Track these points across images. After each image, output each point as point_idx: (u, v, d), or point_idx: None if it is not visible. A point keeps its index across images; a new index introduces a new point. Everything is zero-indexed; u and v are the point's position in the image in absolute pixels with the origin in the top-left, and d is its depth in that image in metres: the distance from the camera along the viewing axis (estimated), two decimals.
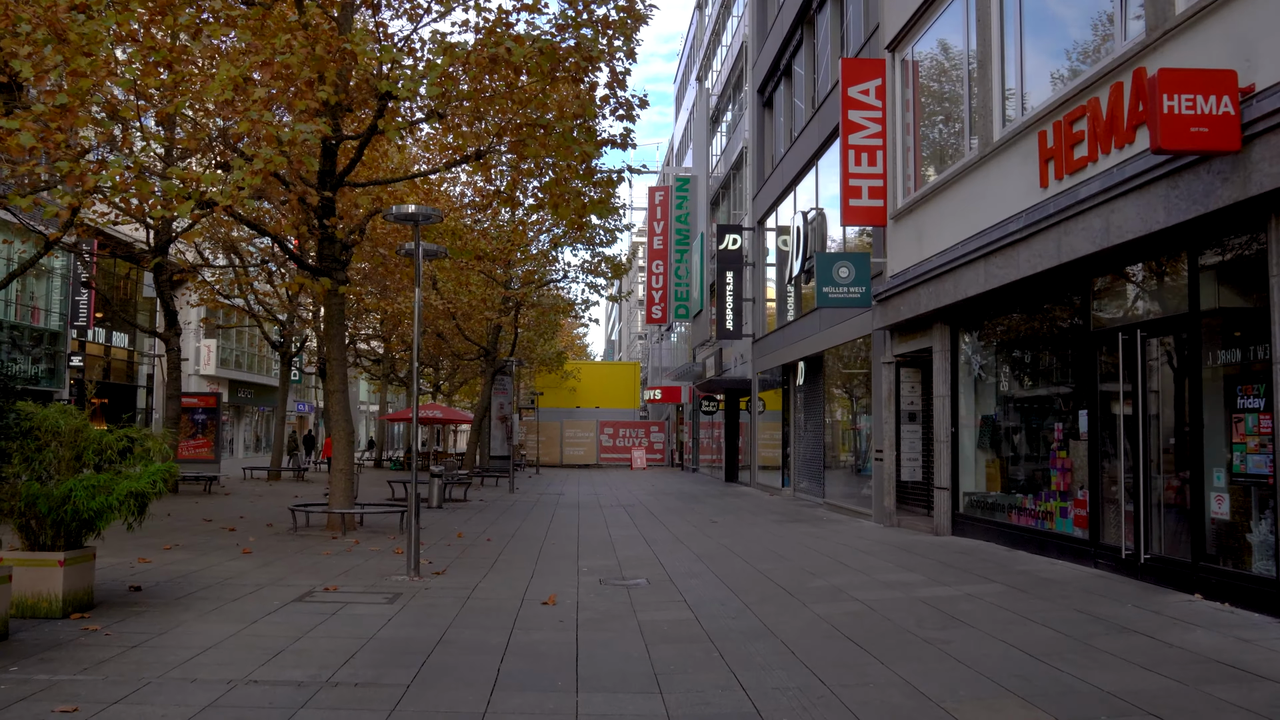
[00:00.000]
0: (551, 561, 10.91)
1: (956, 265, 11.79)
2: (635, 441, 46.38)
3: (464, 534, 13.74)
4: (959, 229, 12.00)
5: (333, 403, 13.91)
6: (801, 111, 22.65)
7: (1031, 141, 10.04)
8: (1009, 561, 10.12)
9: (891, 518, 14.95)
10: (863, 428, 17.52)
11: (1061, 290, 10.20)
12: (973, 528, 12.29)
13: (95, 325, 35.82)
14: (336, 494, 13.68)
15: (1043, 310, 10.81)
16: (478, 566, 10.40)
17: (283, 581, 9.05)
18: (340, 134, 13.27)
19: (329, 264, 13.74)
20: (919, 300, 13.16)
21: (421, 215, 9.04)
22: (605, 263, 29.32)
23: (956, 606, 7.73)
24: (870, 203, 14.92)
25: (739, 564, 10.61)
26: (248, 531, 13.52)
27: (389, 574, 9.62)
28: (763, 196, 26.24)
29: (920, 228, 13.43)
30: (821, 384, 20.35)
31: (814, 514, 17.66)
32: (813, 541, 12.76)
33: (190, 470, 23.27)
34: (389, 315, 33.98)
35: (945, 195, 12.54)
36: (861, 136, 14.98)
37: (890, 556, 10.92)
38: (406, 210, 8.95)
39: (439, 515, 16.87)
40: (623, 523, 15.96)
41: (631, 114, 14.23)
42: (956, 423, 12.87)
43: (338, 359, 13.92)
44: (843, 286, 14.91)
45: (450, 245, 15.91)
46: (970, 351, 12.68)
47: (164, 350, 21.96)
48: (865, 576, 9.46)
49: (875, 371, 15.83)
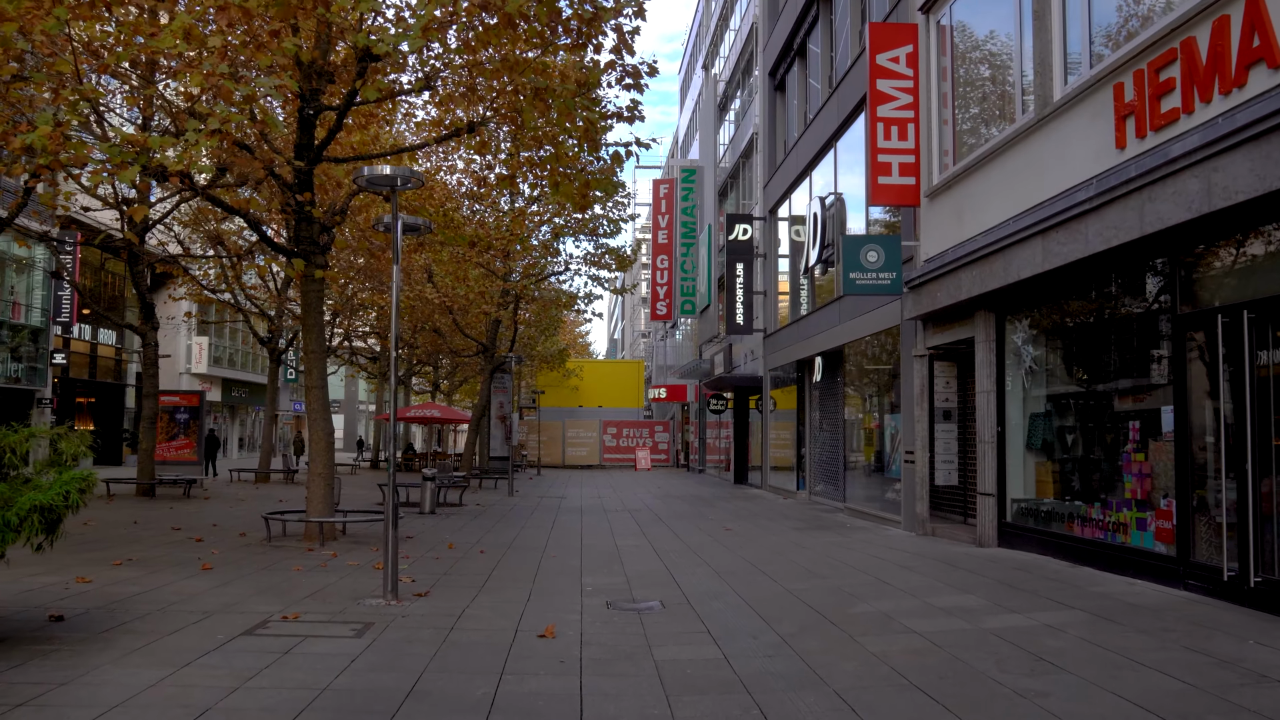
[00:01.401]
0: (551, 578, 9.61)
1: (1007, 244, 10.48)
2: (639, 442, 45.08)
3: (455, 544, 12.44)
4: (1009, 203, 10.69)
5: (311, 399, 12.62)
6: (817, 92, 21.33)
7: (1104, 97, 8.72)
8: (1077, 580, 8.80)
9: (924, 525, 13.63)
10: (887, 427, 16.22)
11: (1141, 267, 8.87)
12: (1023, 539, 10.98)
13: (80, 322, 34.62)
14: (314, 501, 12.38)
15: (1115, 291, 9.48)
16: (467, 585, 9.09)
17: (237, 607, 7.75)
18: (318, 103, 11.98)
19: (306, 246, 12.45)
20: (959, 285, 11.85)
21: (399, 177, 7.74)
22: (609, 254, 28.01)
23: (1040, 642, 6.41)
24: (901, 180, 13.61)
25: (764, 582, 9.30)
26: (217, 542, 12.23)
27: (364, 595, 8.32)
28: (774, 184, 24.92)
29: (961, 205, 12.12)
30: (841, 380, 19.03)
31: (835, 520, 16.34)
32: (841, 553, 11.45)
33: (170, 473, 22.01)
34: (385, 310, 32.75)
35: (992, 166, 11.23)
36: (891, 108, 13.66)
37: (936, 573, 9.61)
38: (380, 172, 7.65)
39: (431, 522, 15.57)
40: (629, 530, 14.65)
41: (639, 83, 12.89)
42: (1003, 421, 11.56)
43: (316, 352, 12.62)
44: (871, 272, 13.61)
45: (441, 230, 14.62)
46: (1020, 341, 11.36)
47: (141, 345, 20.65)
48: (915, 599, 8.14)
49: (905, 366, 14.52)
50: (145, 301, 20.16)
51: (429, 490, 17.34)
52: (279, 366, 28.19)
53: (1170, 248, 8.20)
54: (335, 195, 14.34)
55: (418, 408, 38.72)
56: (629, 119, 13.02)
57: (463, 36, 12.17)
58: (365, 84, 10.53)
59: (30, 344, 31.75)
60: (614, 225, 27.90)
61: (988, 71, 12.27)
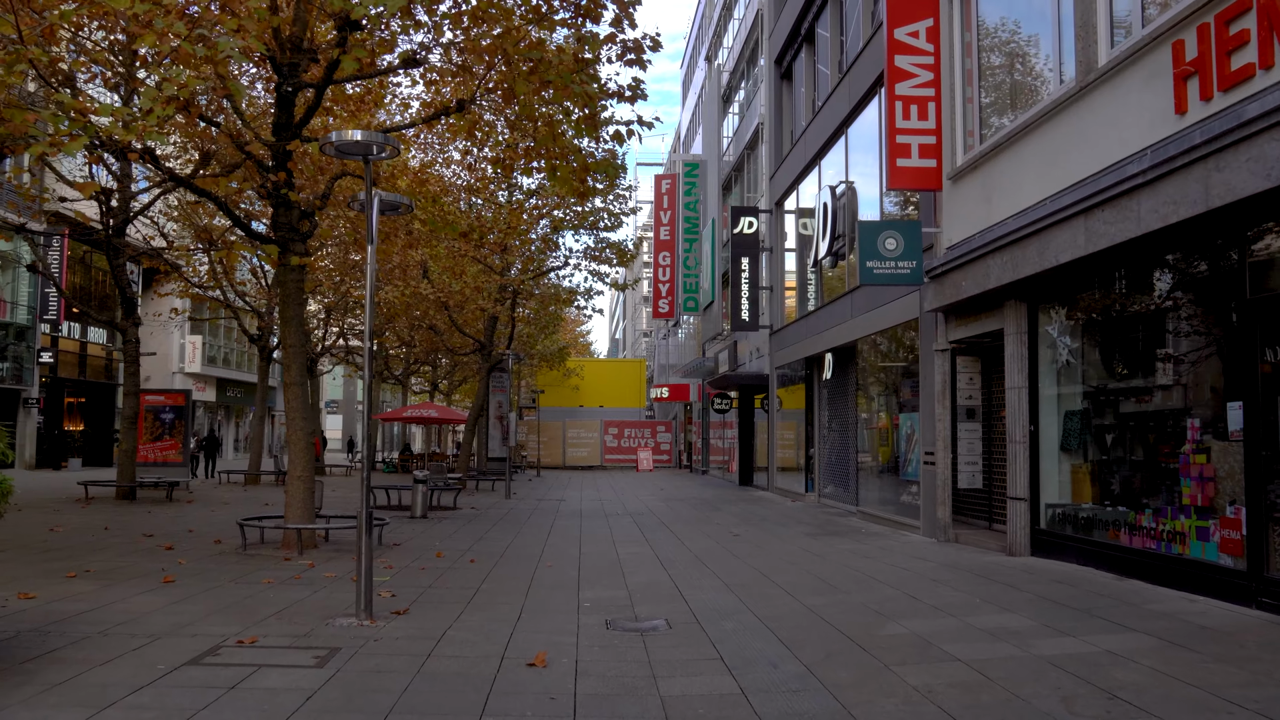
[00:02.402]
0: (546, 592, 8.74)
1: (1043, 226, 9.60)
2: (641, 442, 44.21)
3: (444, 552, 11.58)
4: (1045, 182, 9.81)
5: (290, 397, 11.76)
6: (826, 78, 20.46)
7: (1159, 58, 7.84)
8: (1128, 596, 7.92)
9: (946, 531, 12.75)
10: (903, 426, 15.35)
11: (1203, 247, 7.99)
12: (1060, 548, 10.09)
13: (69, 320, 33.77)
14: (293, 506, 11.52)
15: (1169, 275, 8.59)
16: (452, 600, 8.23)
17: (189, 629, 6.88)
18: (297, 79, 11.11)
19: (285, 233, 11.58)
20: (987, 273, 10.97)
21: (373, 144, 6.88)
22: (610, 249, 27.14)
23: (1108, 675, 5.53)
24: (921, 163, 12.73)
25: (780, 597, 8.43)
26: (187, 550, 11.37)
27: (335, 614, 7.45)
28: (781, 176, 24.05)
29: (989, 186, 11.24)
30: (853, 377, 18.15)
31: (848, 524, 15.46)
32: (861, 563, 10.58)
33: (152, 474, 21.15)
34: (381, 308, 31.87)
35: (1025, 143, 10.35)
36: (910, 86, 12.78)
37: (969, 586, 8.73)
38: (350, 137, 6.78)
39: (421, 527, 14.70)
40: (631, 536, 13.78)
41: (641, 58, 12.02)
42: (1036, 420, 10.67)
43: (295, 346, 11.76)
44: (890, 261, 12.73)
45: (431, 218, 13.77)
46: (1056, 333, 10.47)
47: (122, 342, 19.80)
48: (952, 619, 7.27)
49: (924, 361, 13.64)
50: (126, 296, 19.32)
51: (420, 493, 16.48)
52: (269, 364, 27.35)
53: (1238, 224, 7.32)
54: (319, 181, 13.47)
55: (414, 407, 37.87)
56: (630, 98, 12.16)
57: (453, 10, 11.35)
58: (345, 54, 9.69)
59: (16, 343, 30.93)
60: (615, 219, 27.04)
61: (1018, 41, 11.38)
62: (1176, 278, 8.46)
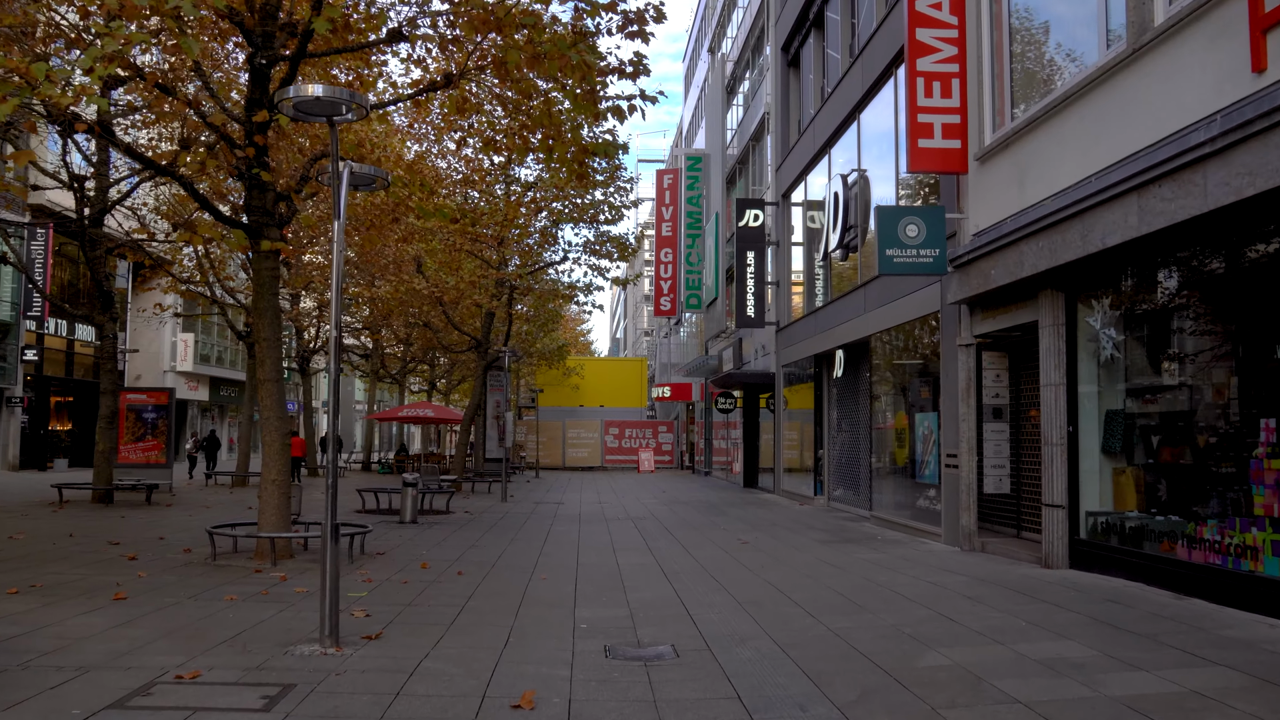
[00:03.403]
0: (538, 611, 7.85)
1: (1086, 207, 8.71)
2: (642, 442, 43.34)
3: (430, 562, 10.69)
4: (1089, 159, 8.92)
5: (264, 394, 10.87)
6: (836, 63, 19.58)
7: (1230, 11, 6.95)
8: (1196, 619, 7.03)
9: (971, 540, 11.87)
10: (919, 426, 14.47)
11: (1277, 223, 7.10)
12: (1103, 560, 9.20)
13: (56, 317, 32.89)
14: (267, 512, 10.63)
15: (1235, 257, 7.69)
16: (433, 621, 7.34)
17: (127, 659, 6.00)
18: (272, 50, 10.23)
19: (258, 217, 10.70)
20: (1020, 260, 10.08)
21: (338, 102, 5.99)
22: (610, 243, 26.27)
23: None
24: (944, 143, 11.85)
25: (800, 618, 7.54)
26: (152, 561, 10.49)
27: (298, 640, 6.57)
28: (788, 167, 23.16)
29: (1022, 165, 10.35)
30: (866, 375, 17.26)
31: (862, 530, 14.58)
32: (884, 575, 9.69)
33: (132, 476, 20.26)
34: (376, 306, 31.01)
35: (1064, 117, 9.46)
36: (932, 61, 11.90)
37: (1010, 605, 7.84)
38: (310, 93, 5.89)
39: (410, 533, 13.82)
40: (633, 544, 12.89)
41: (644, 30, 11.15)
42: (1075, 420, 9.78)
43: (270, 339, 10.88)
44: (911, 249, 11.84)
45: (420, 204, 12.88)
46: (1098, 324, 9.58)
47: (98, 337, 18.92)
48: (1000, 646, 6.38)
49: (946, 357, 12.76)
50: (103, 290, 18.44)
51: (410, 497, 15.60)
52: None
53: None
54: (298, 162, 12.60)
55: (410, 407, 37.00)
56: (632, 74, 11.25)
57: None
58: (318, 16, 8.81)
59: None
60: (615, 212, 26.18)
61: (1055, 6, 10.48)
62: (1245, 260, 7.56)
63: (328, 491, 6.42)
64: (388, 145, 21.10)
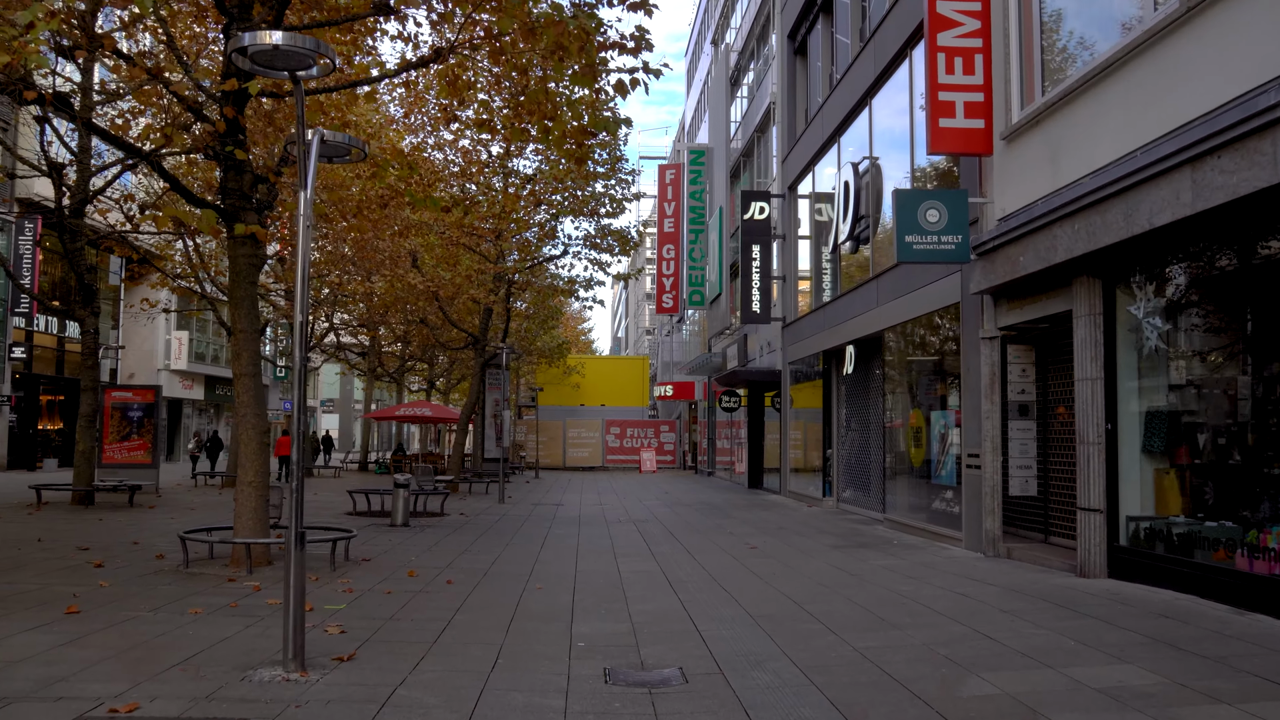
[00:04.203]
0: (532, 627, 7.13)
1: (1131, 184, 7.98)
2: (644, 442, 42.61)
3: (419, 570, 9.97)
4: (1134, 131, 8.19)
5: (241, 389, 10.16)
6: (846, 48, 18.85)
7: None
8: (1268, 639, 6.28)
9: (995, 545, 11.14)
10: (934, 424, 13.75)
11: None
12: (1147, 569, 8.47)
13: (46, 314, 32.19)
14: (243, 516, 9.91)
15: None
16: (415, 639, 6.62)
17: (60, 686, 5.28)
18: (250, 21, 9.51)
19: (235, 200, 9.98)
20: (1053, 245, 9.35)
21: (302, 54, 5.27)
22: (611, 236, 25.54)
23: None
24: (967, 123, 11.12)
25: (821, 634, 6.81)
26: (121, 568, 9.78)
27: (260, 662, 5.85)
28: (794, 158, 22.43)
29: (1055, 143, 9.61)
30: (879, 372, 16.53)
31: (876, 534, 13.85)
32: (907, 585, 8.96)
33: (116, 477, 19.56)
34: (375, 304, 30.28)
35: (1104, 88, 8.72)
36: (954, 35, 11.17)
37: (1052, 621, 7.10)
38: (268, 40, 5.17)
39: (400, 538, 13.10)
40: (635, 549, 12.17)
41: (646, 1, 10.47)
42: (1114, 417, 9.05)
43: (246, 331, 10.16)
44: (931, 235, 11.11)
45: (411, 190, 12.16)
46: (1141, 313, 8.84)
47: (80, 332, 18.21)
48: (1050, 671, 5.65)
49: (967, 351, 12.03)
50: (84, 283, 17.74)
51: (401, 499, 14.88)
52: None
53: None
54: (274, 139, 11.88)
55: (407, 406, 36.29)
56: (634, 49, 10.51)
57: None
58: None
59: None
60: (616, 205, 25.43)
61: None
62: None
63: (291, 496, 5.70)
64: (382, 136, 20.43)
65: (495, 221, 22.04)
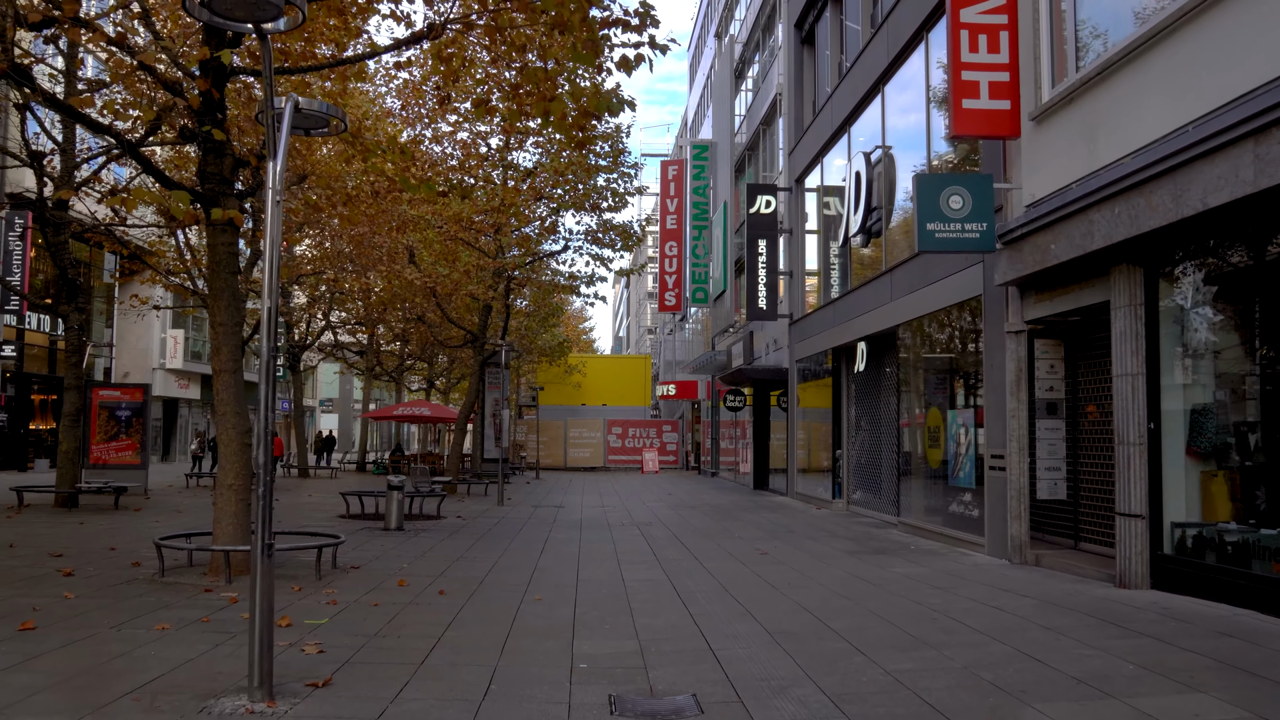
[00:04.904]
0: (529, 645, 6.50)
1: (1181, 162, 7.34)
2: (646, 442, 41.98)
3: (409, 579, 9.34)
4: (1184, 105, 7.54)
5: (220, 386, 9.56)
6: (856, 35, 18.21)
7: None
8: None
9: (1022, 552, 10.50)
10: (951, 424, 13.12)
11: None
12: (1196, 580, 7.83)
13: (37, 311, 31.56)
14: (222, 522, 9.29)
15: None
16: (399, 661, 5.99)
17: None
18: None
19: (214, 184, 9.36)
20: (1090, 231, 8.71)
21: (265, 2, 4.65)
22: (613, 231, 24.92)
23: None
24: (992, 104, 10.48)
25: (848, 655, 6.18)
26: (90, 578, 9.16)
27: (223, 689, 5.22)
28: (801, 150, 21.80)
29: (1092, 122, 8.97)
30: (892, 369, 15.89)
31: (891, 539, 13.21)
32: (934, 596, 8.32)
33: (103, 477, 18.94)
34: (373, 302, 29.66)
35: (1148, 60, 8.08)
36: (978, 12, 10.54)
37: (1102, 640, 6.46)
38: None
39: (393, 543, 12.47)
40: (640, 556, 11.53)
41: None
42: (1157, 415, 8.41)
43: (226, 324, 9.55)
44: (954, 223, 10.47)
45: (402, 176, 11.54)
46: (1188, 304, 8.20)
47: (64, 329, 17.60)
48: (1114, 701, 5.01)
49: (990, 346, 11.39)
50: (67, 277, 17.12)
51: (395, 502, 14.25)
52: (242, 356, 25.05)
53: None
54: (252, 115, 11.22)
55: (405, 405, 35.66)
56: (638, 26, 9.87)
57: None
58: None
59: None
60: (618, 199, 24.81)
61: None
62: None
63: (258, 504, 5.06)
64: (379, 130, 19.81)
65: (494, 215, 21.41)
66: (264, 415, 5.04)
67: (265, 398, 5.06)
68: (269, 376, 5.05)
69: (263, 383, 5.04)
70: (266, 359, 5.03)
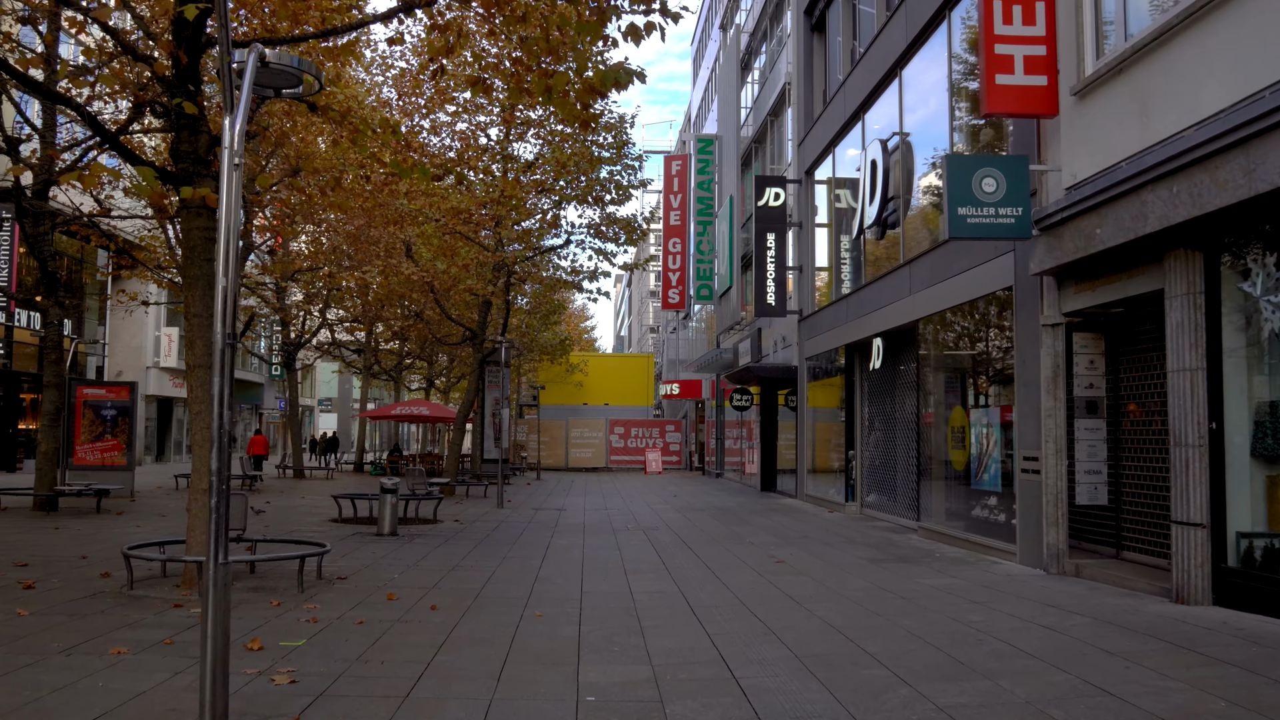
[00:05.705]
0: (529, 672, 5.76)
1: (1255, 132, 6.59)
2: (649, 442, 41.23)
3: (399, 592, 8.60)
4: (1252, 71, 6.80)
5: (194, 382, 8.81)
6: (870, 18, 17.48)
7: None
8: None
9: (1059, 561, 9.75)
10: (975, 423, 12.39)
11: None
12: (1266, 597, 7.09)
13: (26, 308, 30.85)
14: (196, 529, 8.55)
15: None
16: (380, 692, 5.26)
17: None
18: None
19: (188, 164, 8.62)
20: (1143, 212, 7.96)
21: None
22: (616, 225, 24.17)
23: None
24: (1028, 79, 9.74)
25: (889, 684, 5.43)
26: (53, 589, 8.43)
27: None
28: (811, 141, 21.05)
29: (1145, 95, 8.22)
30: (911, 366, 15.14)
31: (913, 546, 12.46)
32: (974, 613, 7.58)
33: (87, 479, 18.20)
34: (370, 299, 28.93)
35: (1212, 22, 7.33)
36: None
37: (1178, 668, 5.71)
38: None
39: (384, 549, 11.73)
40: (648, 564, 10.79)
41: None
42: (1219, 414, 7.66)
43: (201, 315, 8.80)
44: (988, 207, 9.72)
45: (395, 161, 10.81)
46: (1258, 291, 7.45)
47: (42, 325, 16.87)
48: None
49: (1023, 340, 10.64)
50: (47, 270, 16.39)
51: (389, 506, 13.51)
52: (234, 353, 24.32)
53: None
54: None
55: (404, 405, 34.94)
56: (645, 8, 9.10)
57: None
58: None
59: None
60: (622, 192, 24.06)
61: None
62: None
63: (211, 514, 4.32)
64: (375, 116, 19.08)
65: (494, 207, 20.68)
66: (218, 413, 4.31)
67: (219, 393, 4.32)
68: (223, 369, 4.32)
69: (216, 375, 4.31)
70: (220, 348, 4.30)
